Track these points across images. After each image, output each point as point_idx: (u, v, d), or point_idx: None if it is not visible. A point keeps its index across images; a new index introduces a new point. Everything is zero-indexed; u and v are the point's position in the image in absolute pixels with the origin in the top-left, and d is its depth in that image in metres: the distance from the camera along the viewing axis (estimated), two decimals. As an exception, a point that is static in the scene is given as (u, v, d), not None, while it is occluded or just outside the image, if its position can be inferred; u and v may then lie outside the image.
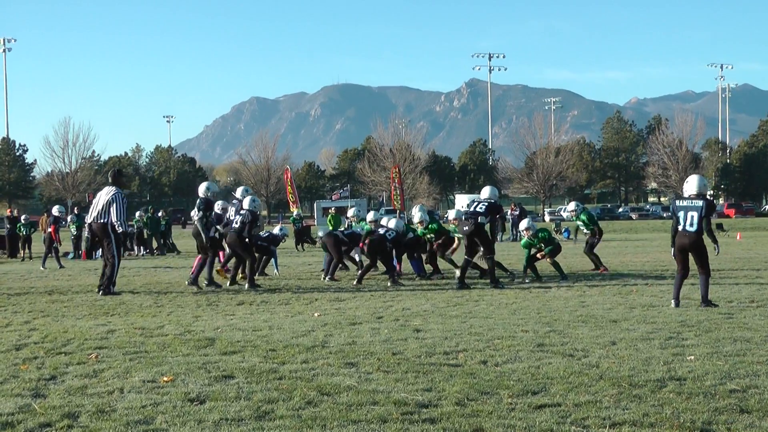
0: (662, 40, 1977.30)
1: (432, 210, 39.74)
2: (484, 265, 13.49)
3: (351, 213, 16.97)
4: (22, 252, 24.63)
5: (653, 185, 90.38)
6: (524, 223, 14.75)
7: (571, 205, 17.21)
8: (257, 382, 5.77)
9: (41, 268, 19.44)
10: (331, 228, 18.74)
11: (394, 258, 14.19)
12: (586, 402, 5.07)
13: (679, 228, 9.72)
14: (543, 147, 76.13)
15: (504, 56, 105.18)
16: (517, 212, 32.83)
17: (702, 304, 9.62)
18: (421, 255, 14.93)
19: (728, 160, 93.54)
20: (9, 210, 33.52)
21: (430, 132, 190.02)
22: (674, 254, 9.99)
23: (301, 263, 19.76)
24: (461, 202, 64.29)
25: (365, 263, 14.64)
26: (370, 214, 16.13)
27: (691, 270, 10.10)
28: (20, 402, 5.30)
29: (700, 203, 9.60)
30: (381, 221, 15.01)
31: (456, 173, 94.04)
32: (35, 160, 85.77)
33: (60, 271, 18.46)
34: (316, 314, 9.49)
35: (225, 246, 14.09)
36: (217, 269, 13.99)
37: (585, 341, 7.29)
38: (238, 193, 14.69)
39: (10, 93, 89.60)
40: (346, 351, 6.96)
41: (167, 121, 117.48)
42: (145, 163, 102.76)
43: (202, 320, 9.15)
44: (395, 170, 51.01)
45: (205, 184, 13.70)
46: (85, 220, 15.08)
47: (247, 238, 13.35)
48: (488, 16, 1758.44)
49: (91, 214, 12.78)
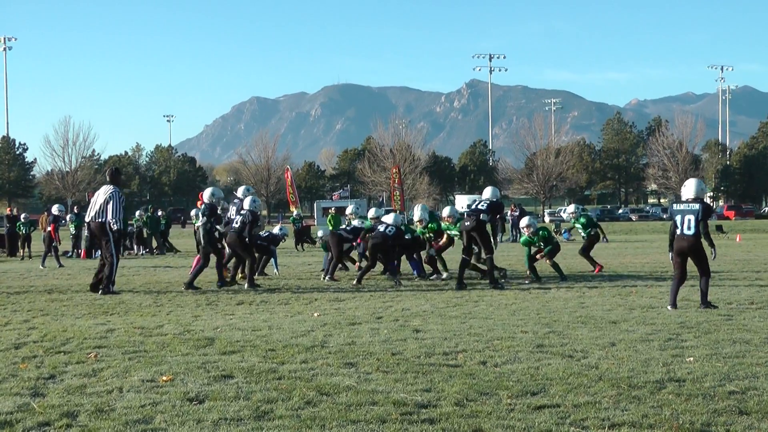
0: (662, 42, 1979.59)
1: (433, 210, 39.71)
2: (484, 266, 13.49)
3: (349, 210, 17.00)
4: (21, 251, 24.62)
5: (653, 187, 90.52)
6: (525, 221, 14.73)
7: (571, 207, 17.24)
8: (256, 381, 5.77)
9: (40, 267, 19.43)
10: (331, 228, 18.75)
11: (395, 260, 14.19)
12: (585, 403, 5.07)
13: (678, 232, 9.77)
14: (543, 148, 76.17)
15: (504, 57, 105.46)
16: (517, 213, 32.84)
17: (701, 306, 9.63)
18: (420, 255, 14.93)
19: (728, 162, 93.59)
20: (9, 209, 33.53)
21: (430, 132, 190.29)
22: (672, 258, 10.02)
23: (300, 263, 19.76)
24: (461, 202, 64.35)
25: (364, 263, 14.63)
26: (371, 211, 16.16)
27: (690, 272, 10.10)
28: (19, 401, 5.30)
29: (697, 207, 9.65)
30: (381, 218, 15.03)
31: (456, 174, 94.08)
32: (35, 159, 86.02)
33: (59, 270, 18.45)
34: (315, 314, 9.49)
35: (225, 246, 14.08)
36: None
37: (584, 342, 7.29)
38: (240, 193, 14.69)
39: (10, 92, 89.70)
40: (346, 351, 6.96)
41: (167, 121, 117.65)
42: (145, 163, 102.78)
43: (201, 320, 9.16)
44: (395, 170, 50.98)
45: (210, 190, 13.66)
46: (84, 220, 15.08)
47: (247, 238, 13.35)
48: (489, 17, 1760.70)
49: (89, 214, 12.79)
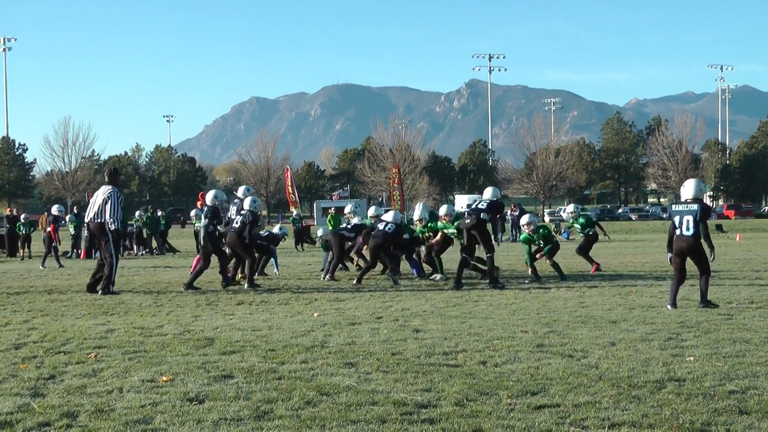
0: (662, 41, 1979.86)
1: (433, 210, 39.69)
2: (484, 266, 13.48)
3: (348, 210, 17.04)
4: (21, 251, 24.64)
5: (653, 186, 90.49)
6: (525, 218, 14.71)
7: (570, 207, 17.23)
8: (256, 382, 5.77)
9: (40, 267, 19.44)
10: (331, 228, 18.77)
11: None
12: (585, 403, 5.07)
13: (677, 233, 9.77)
14: (543, 148, 76.12)
15: (504, 57, 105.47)
16: (516, 213, 32.86)
17: (701, 304, 9.63)
18: (419, 255, 14.92)
19: (728, 162, 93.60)
20: (8, 209, 33.53)
21: (430, 132, 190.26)
22: (670, 259, 10.03)
23: (300, 263, 19.76)
24: (461, 202, 64.32)
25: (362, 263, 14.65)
26: (371, 209, 16.17)
27: (689, 272, 10.10)
28: (19, 401, 5.30)
29: (695, 207, 9.66)
30: (381, 216, 15.04)
31: (456, 174, 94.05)
32: (35, 159, 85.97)
33: (59, 270, 18.46)
34: (315, 314, 9.49)
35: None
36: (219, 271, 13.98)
37: (584, 342, 7.29)
38: (240, 193, 14.68)
39: (10, 92, 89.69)
40: (346, 351, 6.96)
41: (167, 121, 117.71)
42: (144, 163, 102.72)
43: (201, 320, 9.15)
44: (395, 171, 50.92)
45: (213, 192, 13.64)
46: (84, 220, 15.08)
47: (248, 239, 13.35)
48: (488, 17, 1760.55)
49: (88, 214, 12.79)
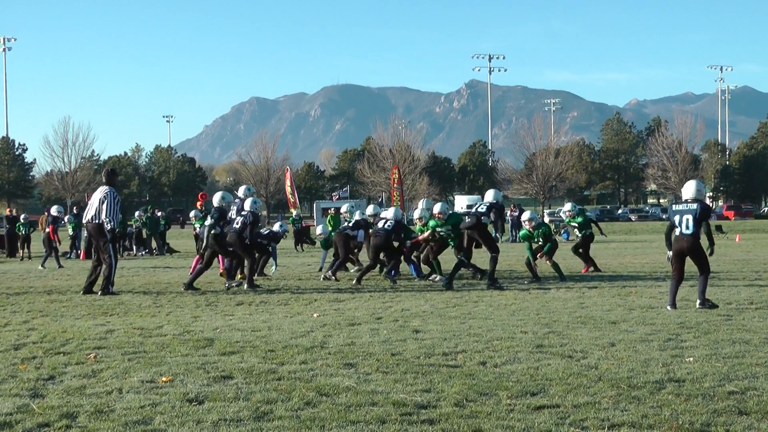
0: (662, 42, 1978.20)
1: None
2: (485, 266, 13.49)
3: (344, 209, 17.09)
4: (21, 251, 24.64)
5: (653, 187, 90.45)
6: (527, 214, 14.68)
7: (568, 206, 17.09)
8: (256, 382, 5.77)
9: (40, 267, 19.45)
10: (330, 228, 18.79)
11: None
12: (584, 403, 5.07)
13: (676, 232, 9.79)
14: (542, 148, 76.05)
15: (504, 57, 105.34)
16: (516, 213, 32.86)
17: (698, 303, 9.64)
18: (419, 256, 14.92)
19: (727, 162, 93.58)
20: (8, 209, 33.53)
21: (429, 133, 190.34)
22: (670, 259, 10.05)
23: (300, 264, 19.76)
24: (461, 203, 64.29)
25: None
26: (369, 208, 16.15)
27: (688, 272, 10.10)
28: (18, 402, 5.30)
29: (695, 206, 9.70)
30: (380, 214, 15.05)
31: (455, 174, 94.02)
32: (35, 159, 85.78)
33: (59, 270, 18.46)
34: (315, 315, 9.49)
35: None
36: (220, 272, 14.02)
37: (584, 342, 7.29)
38: (240, 193, 14.69)
39: (10, 92, 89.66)
40: (345, 352, 6.96)
41: (167, 121, 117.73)
42: (144, 163, 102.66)
43: (201, 320, 9.15)
44: (395, 171, 50.87)
45: (220, 194, 13.66)
46: (83, 221, 15.08)
47: (248, 239, 13.36)
48: (488, 18, 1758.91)
49: (86, 215, 12.79)
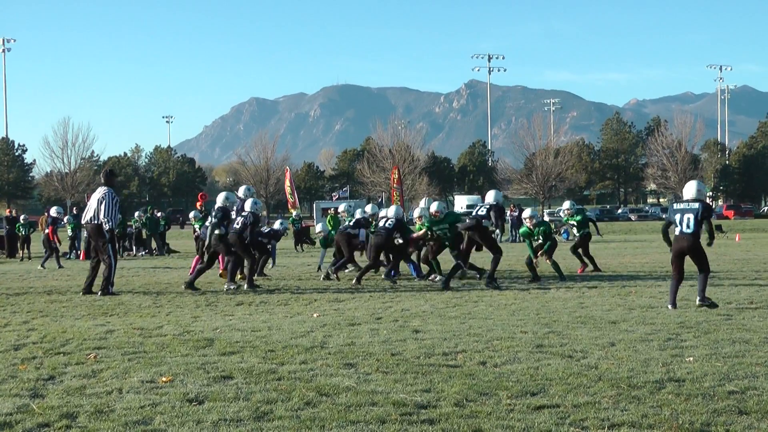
0: (661, 42, 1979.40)
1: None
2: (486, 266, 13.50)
3: (342, 208, 17.09)
4: (21, 252, 24.65)
5: (652, 186, 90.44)
6: (528, 212, 14.68)
7: (567, 204, 16.99)
8: (256, 382, 5.77)
9: (39, 267, 19.46)
10: (330, 228, 18.80)
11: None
12: (584, 403, 5.07)
13: (677, 231, 9.80)
14: (542, 148, 76.04)
15: (503, 57, 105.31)
16: (516, 213, 32.88)
17: (698, 300, 9.64)
18: (418, 256, 14.92)
19: (727, 162, 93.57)
20: (8, 210, 33.51)
21: (429, 133, 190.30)
22: (671, 258, 10.06)
23: (300, 264, 19.76)
24: (460, 203, 64.30)
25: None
26: (368, 207, 16.16)
27: (688, 272, 10.10)
28: (18, 402, 5.30)
29: (697, 206, 9.71)
30: (378, 214, 15.06)
31: (455, 174, 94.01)
32: (34, 160, 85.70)
33: (59, 271, 18.45)
34: (315, 315, 9.49)
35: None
36: (220, 272, 14.03)
37: (584, 342, 7.29)
38: (240, 193, 14.70)
39: (9, 93, 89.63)
40: (345, 352, 6.96)
41: (166, 122, 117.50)
42: (144, 164, 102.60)
43: (201, 321, 9.15)
44: (395, 171, 50.85)
45: (225, 194, 13.68)
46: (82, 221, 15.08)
47: (248, 240, 13.36)
48: (488, 18, 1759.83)
49: (85, 216, 12.80)
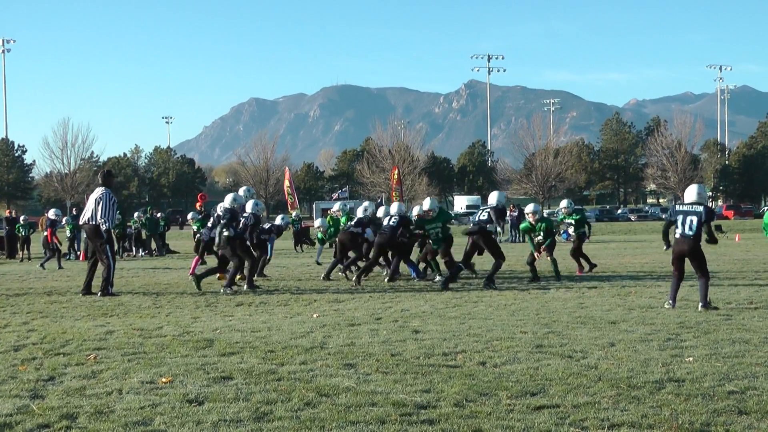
0: (661, 42, 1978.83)
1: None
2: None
3: (336, 207, 17.08)
4: (20, 253, 24.65)
5: (652, 187, 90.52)
6: (530, 207, 14.61)
7: (564, 202, 16.90)
8: (256, 383, 5.77)
9: (38, 267, 19.46)
10: (330, 228, 18.81)
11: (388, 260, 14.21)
12: (584, 403, 5.07)
13: (678, 233, 9.80)
14: (542, 148, 76.20)
15: (503, 57, 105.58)
16: (515, 213, 32.86)
17: (701, 306, 9.63)
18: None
19: (727, 162, 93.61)
20: (8, 211, 33.51)
21: (429, 133, 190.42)
22: (672, 260, 10.07)
23: (299, 264, 19.76)
24: (460, 203, 64.37)
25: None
26: (379, 210, 16.18)
27: (688, 272, 10.10)
28: (18, 403, 5.30)
29: (700, 209, 9.72)
30: (375, 213, 15.08)
31: (455, 174, 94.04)
32: (34, 160, 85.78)
33: (58, 271, 18.45)
34: (314, 315, 9.49)
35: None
36: (219, 274, 14.01)
37: (584, 342, 7.29)
38: (241, 194, 14.70)
39: (9, 93, 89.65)
40: (345, 352, 6.96)
41: (166, 122, 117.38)
42: (143, 164, 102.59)
43: (200, 321, 9.15)
44: (395, 172, 50.86)
45: (232, 195, 13.68)
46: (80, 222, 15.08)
47: (248, 241, 13.36)
48: (487, 18, 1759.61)
49: (83, 217, 12.79)
